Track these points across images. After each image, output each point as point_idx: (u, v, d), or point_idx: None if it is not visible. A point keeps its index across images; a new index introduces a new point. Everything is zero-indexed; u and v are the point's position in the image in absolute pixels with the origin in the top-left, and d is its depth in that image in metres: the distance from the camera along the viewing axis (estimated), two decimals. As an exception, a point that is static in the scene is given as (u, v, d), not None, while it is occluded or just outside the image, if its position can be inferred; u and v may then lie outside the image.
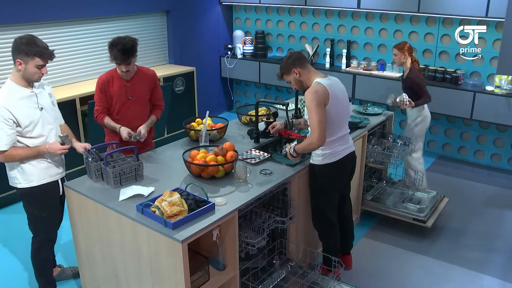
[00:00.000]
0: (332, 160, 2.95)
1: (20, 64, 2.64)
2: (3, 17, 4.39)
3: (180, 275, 2.28)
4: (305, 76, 2.91)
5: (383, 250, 3.72)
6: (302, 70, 2.90)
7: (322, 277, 3.08)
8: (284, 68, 2.95)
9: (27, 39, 2.64)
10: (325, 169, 2.97)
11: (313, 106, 2.75)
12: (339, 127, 2.94)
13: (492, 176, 5.08)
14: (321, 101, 2.77)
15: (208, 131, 3.35)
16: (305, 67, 2.91)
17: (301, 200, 3.12)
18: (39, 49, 2.64)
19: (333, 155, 2.95)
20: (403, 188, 4.20)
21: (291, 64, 2.91)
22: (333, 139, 2.92)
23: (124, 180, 2.76)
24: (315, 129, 2.76)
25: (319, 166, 2.98)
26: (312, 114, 2.76)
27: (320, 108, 2.76)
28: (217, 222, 2.41)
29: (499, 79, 4.79)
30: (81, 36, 5.17)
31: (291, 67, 2.91)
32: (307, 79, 2.91)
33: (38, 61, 2.64)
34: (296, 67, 2.90)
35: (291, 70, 2.91)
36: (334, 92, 2.83)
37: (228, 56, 6.67)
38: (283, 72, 2.97)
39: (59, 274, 3.31)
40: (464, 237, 3.90)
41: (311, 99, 2.76)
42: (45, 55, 2.66)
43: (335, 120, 2.88)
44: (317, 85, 2.82)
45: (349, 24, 5.83)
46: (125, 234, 2.53)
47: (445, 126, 5.52)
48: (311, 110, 2.76)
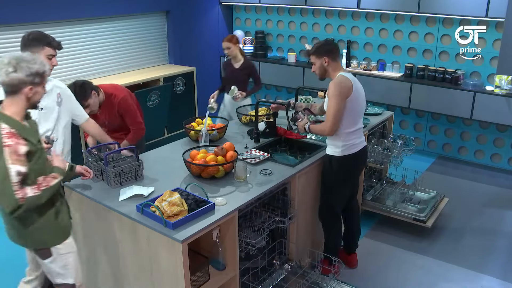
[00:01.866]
0: (351, 151, 3.05)
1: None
2: (3, 17, 4.39)
3: (180, 275, 2.29)
4: (331, 67, 3.01)
5: (383, 250, 3.72)
6: (331, 62, 3.00)
7: (322, 277, 3.09)
8: (318, 51, 3.02)
9: (34, 33, 2.69)
10: (343, 160, 3.06)
11: (334, 96, 2.89)
12: (358, 120, 3.07)
13: (492, 176, 5.08)
14: (343, 93, 2.90)
15: (208, 131, 3.35)
16: (335, 60, 3.02)
17: (301, 200, 3.12)
18: (48, 39, 2.68)
19: (352, 147, 3.05)
20: (403, 188, 4.20)
21: (325, 51, 2.99)
22: (352, 130, 3.02)
23: (124, 180, 2.75)
24: (330, 119, 2.91)
25: (338, 158, 3.06)
26: (332, 103, 2.90)
27: (340, 100, 2.89)
28: (217, 222, 2.41)
29: (499, 79, 4.78)
30: (81, 36, 5.17)
31: (324, 53, 2.99)
32: (332, 70, 3.02)
33: (48, 50, 2.68)
34: (328, 55, 2.99)
35: (323, 56, 2.99)
36: (356, 86, 2.98)
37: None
38: (314, 54, 3.04)
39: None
40: (464, 237, 3.90)
41: (335, 90, 2.89)
42: (54, 44, 2.71)
43: (355, 112, 3.00)
44: (342, 78, 2.94)
45: (349, 24, 5.83)
46: (125, 234, 2.53)
47: (445, 126, 5.52)
48: (332, 100, 2.90)
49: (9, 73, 2.05)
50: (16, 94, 2.11)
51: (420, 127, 5.70)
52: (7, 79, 2.06)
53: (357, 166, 3.21)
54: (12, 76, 2.05)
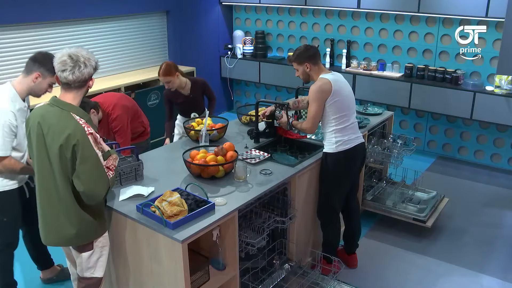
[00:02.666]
0: (345, 147, 3.10)
1: (37, 78, 2.64)
2: (3, 17, 4.39)
3: (180, 275, 2.28)
4: (314, 71, 3.13)
5: (383, 250, 3.72)
6: (313, 66, 3.12)
7: (322, 277, 3.09)
8: (298, 58, 3.13)
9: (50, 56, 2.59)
10: (338, 156, 3.10)
11: (313, 100, 3.04)
12: (349, 116, 3.12)
13: (492, 176, 5.08)
14: (322, 97, 3.02)
15: (208, 131, 3.35)
16: (316, 64, 3.13)
17: (301, 200, 3.12)
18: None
19: (346, 143, 3.10)
20: (403, 188, 4.20)
21: (306, 58, 3.11)
22: (345, 126, 3.09)
23: (124, 180, 2.75)
24: (310, 120, 3.08)
25: (333, 154, 3.11)
26: (311, 107, 3.06)
27: (319, 103, 3.03)
28: (217, 222, 2.41)
29: (499, 79, 4.79)
30: (81, 36, 5.17)
31: (305, 60, 3.11)
32: (314, 74, 3.14)
33: (54, 79, 2.61)
34: (309, 61, 3.11)
35: (304, 63, 3.11)
36: (339, 85, 3.06)
37: (228, 56, 6.67)
38: (295, 61, 3.16)
39: (58, 274, 3.30)
40: (464, 237, 3.90)
41: (313, 94, 3.03)
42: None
43: (345, 109, 3.08)
44: (321, 81, 3.05)
45: (349, 24, 5.83)
46: (125, 234, 2.53)
47: (445, 126, 5.52)
48: (311, 103, 3.05)
49: (82, 70, 2.21)
50: (82, 88, 2.28)
51: (420, 127, 5.70)
52: (81, 75, 2.21)
53: (353, 162, 3.21)
54: (84, 72, 2.22)
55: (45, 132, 2.21)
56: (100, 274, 2.50)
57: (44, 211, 2.34)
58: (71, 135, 2.15)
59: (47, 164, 2.24)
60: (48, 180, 2.26)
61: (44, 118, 2.22)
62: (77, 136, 2.16)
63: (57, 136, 2.17)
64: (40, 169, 2.28)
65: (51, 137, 2.20)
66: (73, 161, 2.18)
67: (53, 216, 2.31)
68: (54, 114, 2.22)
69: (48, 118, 2.22)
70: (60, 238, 2.35)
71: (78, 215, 2.30)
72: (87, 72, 2.24)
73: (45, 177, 2.27)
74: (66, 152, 2.17)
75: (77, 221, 2.30)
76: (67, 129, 2.17)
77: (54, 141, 2.18)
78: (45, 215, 2.34)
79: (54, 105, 2.25)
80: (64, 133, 2.16)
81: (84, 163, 2.18)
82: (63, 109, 2.23)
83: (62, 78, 2.22)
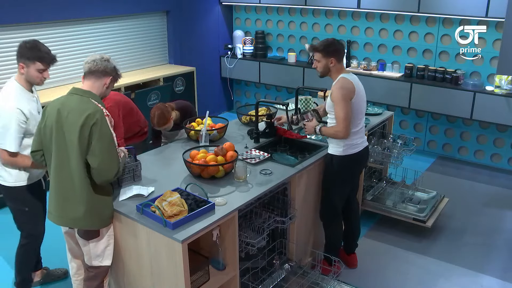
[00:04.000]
0: (352, 151, 3.05)
1: (22, 68, 2.72)
2: (3, 17, 4.39)
3: (180, 275, 2.29)
4: (335, 68, 3.01)
5: (383, 250, 3.72)
6: (337, 63, 3.00)
7: (322, 277, 3.09)
8: (326, 50, 2.98)
9: (31, 44, 2.71)
10: (345, 160, 3.06)
11: (340, 101, 2.89)
12: (359, 120, 3.06)
13: (492, 176, 5.08)
14: (348, 96, 2.91)
15: (208, 131, 3.35)
16: (340, 61, 3.03)
17: (301, 200, 3.12)
18: (41, 54, 2.70)
19: (353, 147, 3.05)
20: (403, 188, 4.20)
21: (333, 52, 2.97)
22: (354, 131, 3.02)
23: (121, 181, 2.74)
24: (341, 123, 2.91)
25: (339, 157, 3.07)
26: (339, 108, 2.90)
27: (347, 103, 2.89)
28: (217, 222, 2.41)
29: (499, 79, 4.78)
30: (81, 36, 5.17)
31: (332, 54, 2.97)
32: (335, 71, 3.02)
33: (39, 65, 2.71)
34: (335, 56, 2.98)
35: (330, 56, 2.97)
36: (358, 87, 2.99)
37: (228, 56, 6.67)
38: (321, 52, 2.98)
39: (45, 276, 3.29)
40: (464, 237, 3.90)
41: (339, 94, 2.89)
42: (46, 60, 2.73)
43: (358, 113, 3.02)
44: (343, 81, 2.95)
45: (349, 24, 5.83)
46: (125, 234, 2.53)
47: (445, 126, 5.52)
48: (338, 105, 2.90)
49: (103, 61, 2.47)
50: (100, 79, 2.47)
51: (420, 127, 5.70)
52: (101, 65, 2.46)
53: (358, 166, 3.22)
54: (104, 64, 2.47)
55: (64, 116, 2.36)
56: (108, 263, 2.60)
57: (58, 191, 2.45)
58: (90, 115, 2.32)
59: (64, 146, 2.37)
60: (64, 162, 2.39)
61: (64, 105, 2.39)
62: (97, 115, 2.33)
63: (77, 118, 2.32)
64: (57, 152, 2.40)
65: (71, 120, 2.34)
66: (89, 140, 2.32)
67: (66, 196, 2.42)
68: (74, 100, 2.40)
69: (68, 104, 2.39)
70: (71, 219, 2.45)
71: (90, 195, 2.41)
72: (107, 65, 2.47)
73: (62, 159, 2.39)
74: (85, 131, 2.31)
75: (89, 202, 2.41)
76: (87, 110, 2.34)
77: (74, 123, 2.33)
78: (58, 194, 2.45)
79: (74, 93, 2.44)
80: (84, 114, 2.32)
81: (101, 140, 2.33)
82: (82, 95, 2.41)
83: (85, 68, 2.47)
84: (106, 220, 2.50)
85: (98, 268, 2.59)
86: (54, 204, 2.50)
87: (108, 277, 2.68)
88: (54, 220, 2.52)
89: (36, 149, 2.54)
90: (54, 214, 2.51)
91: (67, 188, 2.41)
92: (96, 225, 2.47)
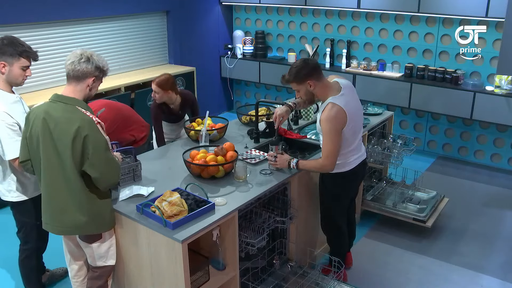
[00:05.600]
0: (343, 169, 2.88)
1: (4, 67, 2.52)
2: (3, 17, 4.39)
3: (180, 275, 2.29)
4: (319, 89, 2.70)
5: (383, 250, 3.72)
6: (317, 83, 2.68)
7: (322, 277, 3.08)
8: (298, 77, 2.68)
9: (9, 40, 2.53)
10: (335, 178, 2.91)
11: (328, 132, 2.64)
12: (353, 140, 2.84)
13: (492, 176, 5.08)
14: (339, 128, 2.65)
15: (208, 131, 3.35)
16: (320, 79, 2.68)
17: (301, 200, 3.12)
18: (24, 49, 2.54)
19: (344, 165, 2.87)
20: (403, 188, 4.20)
21: (307, 75, 2.66)
22: (346, 151, 2.83)
23: (122, 181, 2.74)
24: (328, 157, 2.68)
25: (330, 175, 2.91)
26: (327, 141, 2.66)
27: (337, 137, 2.65)
28: (217, 222, 2.41)
29: (499, 79, 4.78)
30: (81, 36, 5.17)
31: (306, 77, 2.66)
32: (320, 92, 2.71)
33: (23, 61, 2.55)
34: (312, 78, 2.67)
35: (305, 81, 2.67)
36: (350, 110, 2.69)
37: (228, 56, 6.67)
38: (294, 81, 2.71)
39: (49, 278, 3.28)
40: (464, 237, 3.90)
41: (329, 127, 2.63)
42: (30, 55, 2.58)
43: (353, 133, 2.80)
44: (333, 109, 2.63)
45: (349, 24, 5.82)
46: (125, 234, 2.53)
47: (445, 126, 5.52)
48: (327, 137, 2.65)
49: (82, 62, 2.27)
50: (81, 82, 2.30)
51: (420, 127, 5.70)
52: (79, 67, 2.27)
53: (353, 182, 3.04)
54: (83, 65, 2.27)
55: (51, 127, 2.26)
56: (112, 262, 2.59)
57: (52, 202, 2.38)
58: (80, 128, 2.21)
59: (55, 158, 2.28)
60: (56, 173, 2.31)
61: (49, 114, 2.26)
62: (86, 128, 2.23)
63: (66, 130, 2.23)
64: (47, 163, 2.32)
65: (59, 132, 2.24)
66: (83, 152, 2.25)
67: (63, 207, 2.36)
68: (59, 109, 2.27)
69: (53, 114, 2.26)
70: (72, 227, 2.40)
71: (90, 204, 2.37)
72: (86, 66, 2.28)
73: (53, 170, 2.31)
74: (78, 144, 2.23)
75: (89, 210, 2.37)
76: (76, 122, 2.22)
77: (64, 135, 2.23)
78: (53, 206, 2.38)
79: (57, 101, 2.30)
80: (73, 126, 2.21)
81: (97, 151, 2.26)
82: (66, 103, 2.28)
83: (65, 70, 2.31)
84: (109, 224, 2.48)
85: (103, 268, 2.58)
86: (49, 216, 2.42)
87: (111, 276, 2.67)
88: (53, 230, 2.46)
89: (25, 159, 2.42)
90: (51, 224, 2.43)
91: (62, 199, 2.34)
92: (99, 230, 2.46)
